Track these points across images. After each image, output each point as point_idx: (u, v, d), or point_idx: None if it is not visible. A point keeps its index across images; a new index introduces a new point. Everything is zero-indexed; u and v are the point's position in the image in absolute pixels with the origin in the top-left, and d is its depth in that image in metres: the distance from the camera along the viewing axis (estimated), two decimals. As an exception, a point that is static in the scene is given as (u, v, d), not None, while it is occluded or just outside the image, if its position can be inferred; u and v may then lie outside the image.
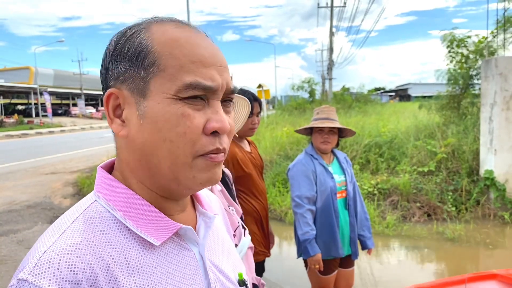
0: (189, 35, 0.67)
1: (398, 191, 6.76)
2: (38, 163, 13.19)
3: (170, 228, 0.68)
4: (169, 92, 0.63)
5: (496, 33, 8.24)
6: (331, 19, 27.53)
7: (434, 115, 9.75)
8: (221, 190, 1.59)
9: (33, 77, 46.97)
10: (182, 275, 0.68)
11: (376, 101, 28.07)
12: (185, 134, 0.63)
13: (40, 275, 0.55)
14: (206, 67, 0.65)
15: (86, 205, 0.68)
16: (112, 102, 0.67)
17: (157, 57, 0.64)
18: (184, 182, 0.66)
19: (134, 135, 0.66)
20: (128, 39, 0.67)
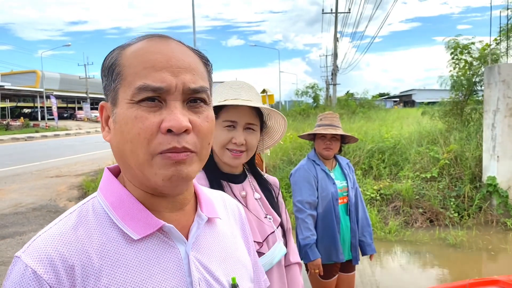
0: (150, 44, 0.73)
1: (401, 197, 6.79)
2: (43, 166, 13.31)
3: (153, 224, 0.74)
4: (127, 98, 0.70)
5: (499, 41, 8.28)
6: (336, 25, 27.62)
7: (437, 121, 9.77)
8: (260, 198, 1.57)
9: (39, 80, 47.35)
10: (161, 269, 0.73)
11: (380, 107, 28.12)
12: (139, 134, 0.69)
13: (28, 254, 0.67)
14: (157, 70, 0.70)
15: (86, 200, 0.78)
16: (104, 113, 0.78)
17: (120, 68, 0.73)
18: (150, 179, 0.72)
19: (112, 140, 0.75)
20: (106, 57, 0.77)
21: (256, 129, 1.49)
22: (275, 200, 1.63)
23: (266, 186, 1.63)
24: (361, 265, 5.10)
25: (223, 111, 1.45)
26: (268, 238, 1.47)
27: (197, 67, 0.76)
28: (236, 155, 1.45)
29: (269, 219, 1.52)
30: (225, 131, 1.45)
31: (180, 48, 0.75)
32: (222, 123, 1.45)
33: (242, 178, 1.56)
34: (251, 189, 1.56)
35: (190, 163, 0.73)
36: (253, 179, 1.61)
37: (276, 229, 1.52)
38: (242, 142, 1.43)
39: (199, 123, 0.73)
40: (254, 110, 1.48)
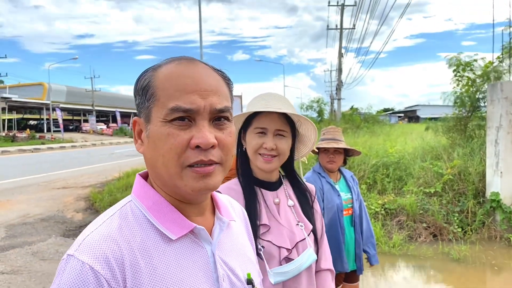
0: (180, 69, 0.83)
1: (405, 211, 6.85)
2: (50, 177, 13.44)
3: (186, 226, 0.84)
4: (161, 117, 0.80)
5: (502, 58, 8.40)
6: (340, 41, 27.90)
7: (441, 137, 9.85)
8: (293, 206, 1.61)
9: (46, 93, 47.80)
10: (194, 267, 0.83)
11: (384, 122, 28.18)
12: (170, 149, 0.79)
13: (82, 252, 0.73)
14: (188, 93, 0.80)
15: (123, 203, 0.86)
16: (136, 127, 0.88)
17: (154, 90, 0.82)
18: (181, 189, 0.82)
19: (145, 152, 0.85)
20: (139, 78, 0.87)
21: (287, 135, 1.56)
22: (310, 207, 1.68)
23: (304, 192, 1.68)
24: (365, 278, 5.16)
25: (255, 120, 1.56)
26: (298, 244, 1.52)
27: (221, 88, 0.86)
28: (267, 160, 1.53)
29: (300, 226, 1.56)
30: (256, 137, 1.54)
31: (206, 71, 0.85)
32: (254, 130, 1.55)
33: (277, 185, 1.63)
34: (285, 196, 1.62)
35: (216, 175, 0.83)
36: (288, 186, 1.67)
37: (307, 236, 1.56)
38: (272, 147, 1.51)
39: (224, 138, 0.84)
40: (285, 117, 1.56)
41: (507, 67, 8.13)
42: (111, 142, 36.63)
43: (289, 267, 1.47)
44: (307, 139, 1.72)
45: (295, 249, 1.51)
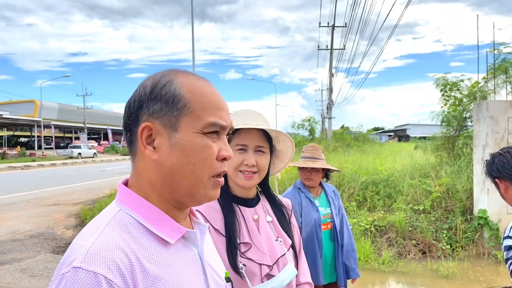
0: (206, 85, 0.91)
1: (394, 228, 6.92)
2: (40, 194, 13.34)
3: (180, 231, 0.88)
4: (197, 128, 0.85)
5: (487, 79, 8.62)
6: (331, 61, 28.32)
7: (430, 155, 10.01)
8: (272, 221, 1.62)
9: (37, 110, 47.63)
10: (189, 269, 0.87)
11: (374, 141, 28.43)
12: (206, 160, 0.86)
13: (91, 262, 0.72)
14: (221, 110, 0.89)
15: (113, 213, 0.85)
16: (146, 132, 0.85)
17: (187, 101, 0.86)
18: (197, 197, 0.88)
19: (164, 159, 0.85)
20: (164, 86, 0.87)
21: (266, 151, 1.60)
22: (287, 222, 1.68)
23: (280, 208, 1.69)
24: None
25: (235, 136, 1.57)
26: (278, 260, 1.53)
27: None
28: (248, 176, 1.55)
29: (280, 242, 1.57)
30: (237, 154, 1.55)
31: (217, 90, 0.95)
32: (234, 147, 1.55)
33: (255, 201, 1.64)
34: (264, 212, 1.62)
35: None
36: (266, 202, 1.68)
37: (286, 251, 1.56)
38: (253, 163, 1.54)
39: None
40: (263, 134, 1.60)
41: (492, 87, 8.34)
42: (102, 159, 36.44)
43: (271, 284, 1.48)
44: (283, 155, 1.76)
45: (276, 265, 1.51)
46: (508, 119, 6.68)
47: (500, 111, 6.70)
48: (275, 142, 1.69)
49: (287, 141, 1.70)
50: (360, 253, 6.22)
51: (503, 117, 6.68)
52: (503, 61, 8.44)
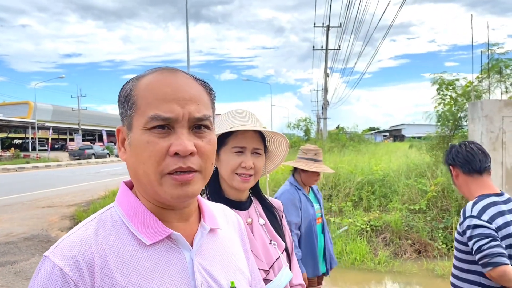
0: (161, 78, 0.85)
1: (390, 228, 6.92)
2: (34, 196, 13.24)
3: (163, 232, 0.85)
4: (141, 125, 0.83)
5: (481, 78, 8.65)
6: (326, 61, 28.39)
7: (425, 154, 10.03)
8: (264, 224, 1.59)
9: (31, 112, 47.38)
10: (168, 272, 0.83)
11: (369, 141, 28.52)
12: (150, 157, 0.82)
13: (55, 254, 0.78)
14: (167, 102, 0.82)
15: (105, 209, 0.90)
16: (120, 136, 0.90)
17: (135, 99, 0.85)
18: (161, 196, 0.84)
19: (127, 160, 0.87)
20: (122, 88, 0.89)
21: (262, 153, 1.57)
22: (279, 224, 1.66)
23: (271, 210, 1.66)
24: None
25: (232, 138, 1.53)
26: (274, 264, 1.50)
27: (201, 97, 0.88)
28: (245, 179, 1.51)
29: (273, 245, 1.54)
30: (234, 156, 1.51)
31: (186, 80, 0.88)
32: (231, 149, 1.52)
33: (247, 204, 1.60)
34: (256, 215, 1.59)
35: (195, 183, 0.85)
36: (258, 204, 1.65)
37: (281, 254, 1.54)
38: (251, 166, 1.50)
39: (203, 146, 0.85)
40: (259, 135, 1.56)
41: (487, 87, 8.37)
42: (96, 161, 36.29)
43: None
44: (275, 156, 1.73)
45: (271, 269, 1.49)
46: (502, 118, 6.70)
47: (495, 111, 6.71)
48: (268, 143, 1.67)
49: (281, 143, 1.68)
50: (356, 253, 6.22)
51: (498, 116, 6.69)
52: (496, 61, 8.48)
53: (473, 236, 2.05)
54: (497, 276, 1.98)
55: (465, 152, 2.27)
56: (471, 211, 2.13)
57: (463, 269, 2.21)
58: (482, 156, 2.27)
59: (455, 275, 2.29)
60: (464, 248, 2.17)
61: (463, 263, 2.20)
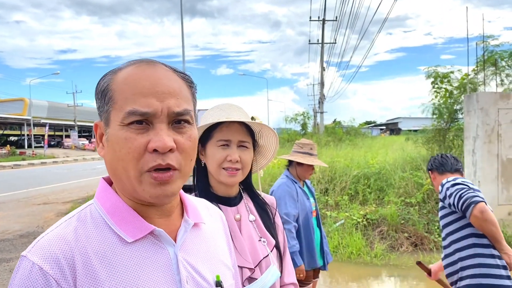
0: (138, 71, 0.82)
1: (386, 222, 6.92)
2: (30, 193, 13.20)
3: (145, 229, 0.83)
4: (118, 120, 0.80)
5: (477, 71, 8.64)
6: (322, 55, 28.32)
7: (421, 148, 10.03)
8: (255, 221, 1.54)
9: (27, 108, 47.13)
10: (153, 268, 0.82)
11: (366, 135, 28.54)
12: (128, 153, 0.78)
13: (34, 253, 0.75)
14: (145, 96, 0.79)
15: (84, 206, 0.87)
16: (98, 131, 0.86)
17: (112, 93, 0.82)
18: (140, 193, 0.81)
19: (105, 156, 0.84)
20: (99, 82, 0.86)
21: (249, 146, 1.52)
22: (271, 221, 1.61)
23: (263, 206, 1.62)
24: (348, 289, 5.18)
25: (217, 131, 1.49)
26: (261, 262, 1.45)
27: (181, 91, 0.84)
28: (232, 173, 1.47)
29: (263, 242, 1.50)
30: (219, 150, 1.47)
31: (165, 73, 0.84)
32: (216, 143, 1.48)
33: (237, 200, 1.56)
34: (246, 211, 1.55)
35: (174, 181, 0.82)
36: (249, 200, 1.60)
37: (270, 252, 1.49)
38: (236, 158, 1.46)
39: (183, 142, 0.82)
40: (246, 128, 1.52)
41: (482, 79, 8.36)
42: (93, 157, 36.15)
43: (253, 287, 1.40)
44: (266, 151, 1.68)
45: (258, 267, 1.44)
46: (498, 111, 6.69)
47: (490, 103, 6.70)
48: (257, 137, 1.62)
49: (271, 136, 1.62)
50: (352, 247, 6.22)
51: (493, 109, 6.69)
52: (492, 53, 8.46)
53: (452, 192, 2.49)
54: (478, 212, 2.33)
55: (440, 158, 2.83)
56: (446, 181, 2.62)
57: (455, 239, 2.55)
58: (454, 160, 2.79)
59: (446, 254, 2.63)
60: (448, 211, 2.60)
61: (452, 224, 2.58)
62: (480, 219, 2.36)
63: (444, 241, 2.66)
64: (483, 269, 2.43)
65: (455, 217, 2.56)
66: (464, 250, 2.51)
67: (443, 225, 2.66)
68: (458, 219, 2.55)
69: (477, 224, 2.41)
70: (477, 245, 2.48)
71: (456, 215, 2.55)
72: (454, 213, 2.56)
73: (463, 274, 2.49)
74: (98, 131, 0.87)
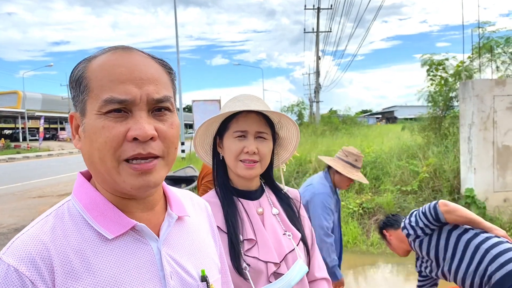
0: (114, 57, 0.78)
1: (382, 210, 6.93)
2: (25, 187, 13.14)
3: (126, 224, 0.79)
4: (95, 109, 0.76)
5: (472, 58, 8.60)
6: (317, 44, 28.20)
7: (417, 136, 10.02)
8: (278, 214, 1.48)
9: (21, 101, 46.77)
10: (135, 265, 0.78)
11: (362, 123, 28.55)
12: (105, 143, 0.75)
13: (9, 255, 0.71)
14: (122, 83, 0.75)
15: (61, 203, 0.83)
16: (74, 122, 0.82)
17: (87, 81, 0.77)
18: (120, 185, 0.78)
19: (82, 148, 0.80)
20: (73, 71, 0.81)
21: (268, 138, 1.44)
22: (296, 215, 1.54)
23: (286, 200, 1.54)
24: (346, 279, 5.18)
25: (233, 123, 1.43)
26: (287, 256, 1.39)
27: (160, 77, 0.81)
28: (249, 166, 1.40)
29: (288, 236, 1.44)
30: (236, 142, 1.41)
31: (143, 59, 0.80)
32: (233, 134, 1.42)
33: (259, 193, 1.50)
34: (269, 205, 1.49)
35: (158, 171, 0.79)
36: (271, 193, 1.54)
37: (296, 246, 1.43)
38: (254, 150, 1.39)
39: (165, 130, 0.79)
40: (264, 119, 1.45)
41: (478, 66, 8.32)
42: (89, 149, 35.98)
43: (278, 283, 1.34)
44: (287, 143, 1.58)
45: (284, 262, 1.38)
46: (493, 98, 6.67)
47: (486, 90, 6.68)
48: (277, 128, 1.53)
49: (291, 126, 1.52)
50: (348, 236, 6.23)
51: (489, 96, 6.66)
52: (487, 39, 8.41)
53: (414, 219, 2.50)
54: (443, 205, 2.35)
55: (392, 217, 2.87)
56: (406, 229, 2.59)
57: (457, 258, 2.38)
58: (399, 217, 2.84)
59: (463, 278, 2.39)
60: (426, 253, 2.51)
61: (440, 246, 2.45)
62: (451, 210, 2.34)
63: (450, 273, 2.43)
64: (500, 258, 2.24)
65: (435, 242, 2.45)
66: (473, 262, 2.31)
67: (437, 258, 2.47)
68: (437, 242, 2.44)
69: (451, 219, 2.35)
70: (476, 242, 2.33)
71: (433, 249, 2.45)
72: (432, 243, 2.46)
73: (491, 271, 2.24)
74: (74, 122, 0.82)
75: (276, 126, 1.51)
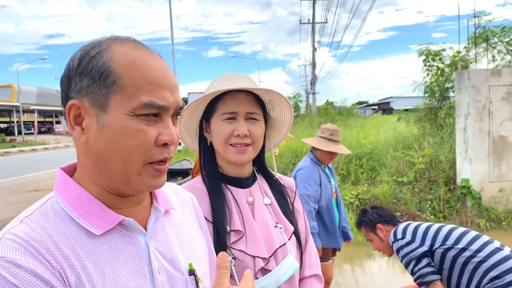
0: (145, 57, 0.77)
1: (379, 201, 6.93)
2: (20, 181, 13.08)
3: (113, 220, 0.78)
4: (127, 109, 0.74)
5: (469, 48, 8.57)
6: (313, 35, 28.09)
7: (413, 127, 10.02)
8: (271, 204, 1.37)
9: (15, 95, 46.42)
10: (123, 261, 0.77)
11: (358, 115, 28.56)
12: (138, 146, 0.74)
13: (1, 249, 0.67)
14: (161, 88, 0.76)
15: (44, 201, 0.79)
16: (74, 112, 0.76)
17: (117, 77, 0.74)
18: (134, 185, 0.78)
19: (92, 143, 0.76)
20: (92, 58, 0.76)
21: (259, 119, 1.33)
22: (289, 205, 1.42)
23: (279, 189, 1.43)
24: (342, 269, 5.19)
25: (220, 104, 1.32)
26: (276, 252, 1.29)
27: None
28: (241, 149, 1.30)
29: (280, 229, 1.33)
30: (225, 124, 1.30)
31: (164, 62, 0.82)
32: (221, 117, 1.31)
33: (250, 181, 1.39)
34: (261, 194, 1.38)
35: (166, 173, 0.82)
36: (264, 181, 1.43)
37: (287, 240, 1.32)
38: (245, 132, 1.28)
39: (178, 134, 0.81)
40: (254, 98, 1.33)
41: (474, 56, 8.30)
42: (85, 143, 35.87)
43: (266, 280, 1.24)
44: (280, 124, 1.46)
45: (273, 257, 1.27)
46: (489, 88, 6.66)
47: (482, 80, 6.66)
48: (268, 109, 1.42)
49: (283, 105, 1.40)
50: (345, 227, 6.22)
51: (485, 86, 6.65)
52: (484, 29, 8.38)
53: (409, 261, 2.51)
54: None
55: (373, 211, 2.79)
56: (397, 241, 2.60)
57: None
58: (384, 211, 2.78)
59: None
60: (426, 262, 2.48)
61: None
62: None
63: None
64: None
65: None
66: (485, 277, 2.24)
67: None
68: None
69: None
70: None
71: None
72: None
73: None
74: (74, 112, 0.77)
75: (267, 106, 1.41)
